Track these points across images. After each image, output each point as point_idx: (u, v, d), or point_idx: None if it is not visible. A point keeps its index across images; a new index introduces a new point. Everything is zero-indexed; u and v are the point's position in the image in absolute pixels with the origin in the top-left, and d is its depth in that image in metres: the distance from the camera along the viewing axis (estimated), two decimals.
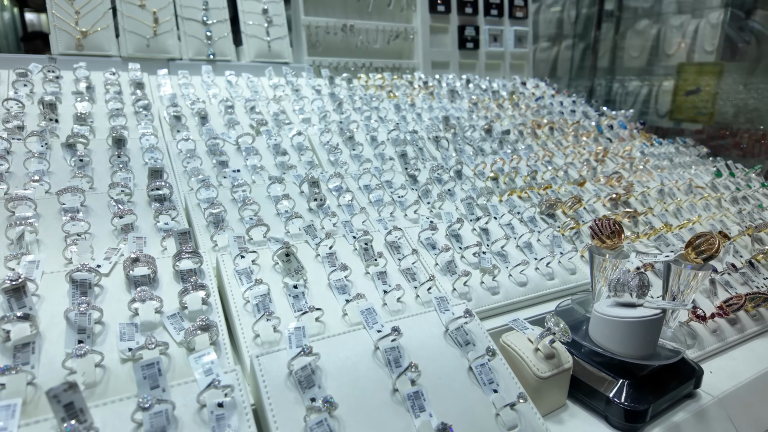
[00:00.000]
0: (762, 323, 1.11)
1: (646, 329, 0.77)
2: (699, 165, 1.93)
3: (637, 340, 0.77)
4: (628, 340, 0.78)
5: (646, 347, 0.78)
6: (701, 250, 0.73)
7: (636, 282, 0.78)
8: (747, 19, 3.90)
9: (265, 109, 1.65)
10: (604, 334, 0.81)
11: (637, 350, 0.78)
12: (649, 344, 0.78)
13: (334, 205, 1.19)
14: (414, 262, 1.01)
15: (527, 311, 1.04)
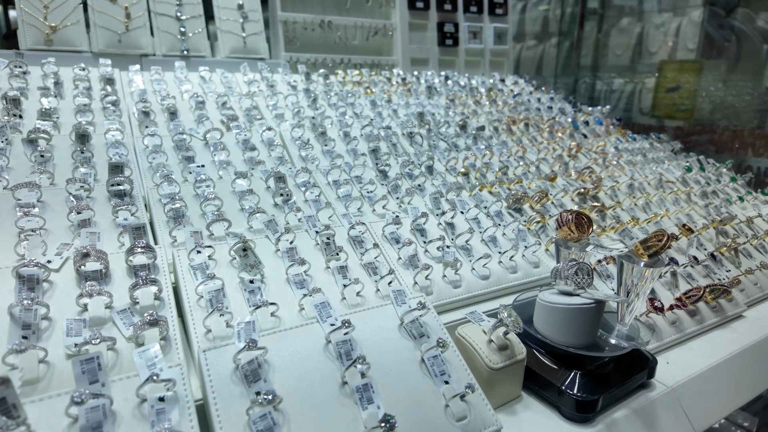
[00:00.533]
0: (721, 314, 1.13)
1: (577, 317, 0.78)
2: (672, 160, 1.95)
3: (570, 328, 0.79)
4: (560, 326, 0.80)
5: (580, 336, 0.79)
6: (648, 246, 0.74)
7: (572, 271, 0.79)
8: (727, 17, 3.94)
9: (237, 105, 1.64)
10: (541, 321, 0.84)
11: (570, 338, 0.80)
12: (583, 333, 0.79)
13: (300, 201, 1.19)
14: (376, 257, 1.01)
15: (489, 304, 1.05)
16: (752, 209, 1.60)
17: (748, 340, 1.08)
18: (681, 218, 1.41)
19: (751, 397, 0.98)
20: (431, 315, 0.85)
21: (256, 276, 0.87)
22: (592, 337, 0.80)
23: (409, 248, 1.04)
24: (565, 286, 0.80)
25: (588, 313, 0.78)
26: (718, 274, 1.23)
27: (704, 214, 1.47)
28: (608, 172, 1.66)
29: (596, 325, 0.80)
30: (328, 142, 1.50)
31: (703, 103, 3.78)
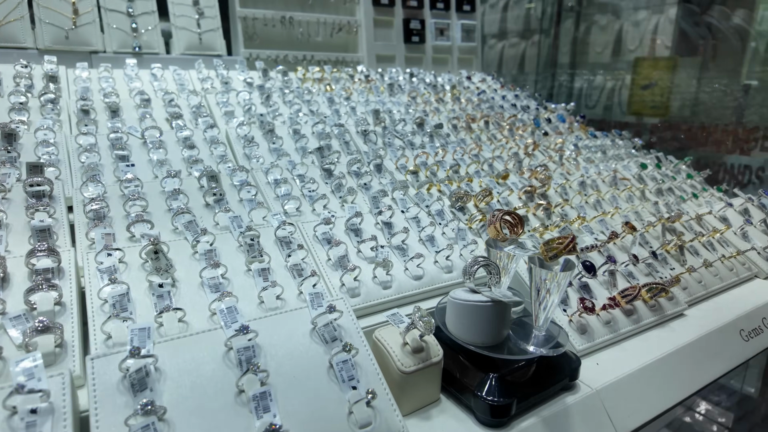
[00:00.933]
0: (660, 313, 1.12)
1: (474, 314, 0.78)
2: (632, 158, 1.94)
3: (469, 325, 0.79)
4: (461, 323, 0.80)
5: (480, 334, 0.78)
6: (551, 248, 0.72)
7: (475, 269, 0.77)
8: (703, 14, 3.95)
9: (185, 103, 1.60)
10: (449, 319, 0.83)
11: (471, 335, 0.79)
12: (482, 331, 0.79)
13: (235, 200, 1.16)
14: (303, 258, 0.99)
15: (423, 305, 1.02)
16: (706, 206, 1.59)
17: (684, 339, 1.07)
18: (629, 216, 1.40)
19: (681, 397, 0.97)
20: (348, 318, 0.83)
21: (167, 280, 0.85)
22: (494, 337, 0.79)
23: (338, 249, 1.01)
24: (470, 284, 0.79)
25: (484, 311, 0.77)
26: (661, 272, 1.22)
27: (654, 212, 1.47)
28: (563, 170, 1.64)
29: (497, 324, 0.78)
30: (276, 140, 1.47)
31: (678, 100, 3.79)
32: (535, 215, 1.35)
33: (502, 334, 0.80)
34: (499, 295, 0.77)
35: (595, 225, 1.32)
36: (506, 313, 0.80)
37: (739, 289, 1.34)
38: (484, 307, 0.77)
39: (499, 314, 0.78)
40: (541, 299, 0.75)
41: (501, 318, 0.79)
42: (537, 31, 4.89)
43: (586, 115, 4.08)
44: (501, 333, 0.80)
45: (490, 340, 0.79)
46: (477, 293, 0.79)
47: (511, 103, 2.23)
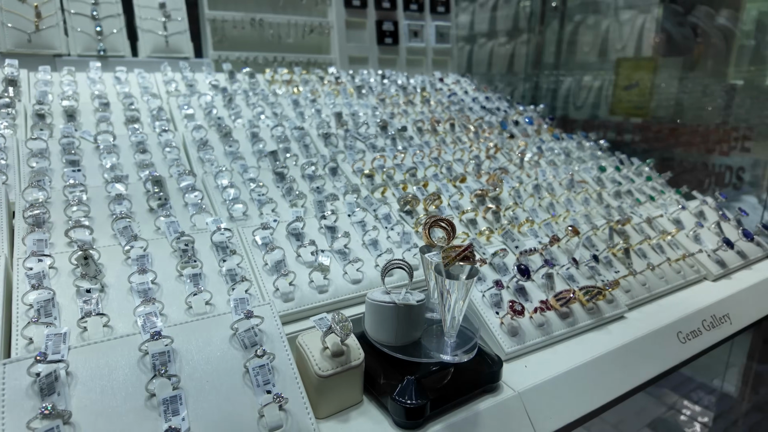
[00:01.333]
0: (597, 316, 1.14)
1: (380, 314, 0.83)
2: (598, 160, 1.96)
3: (378, 324, 0.84)
4: (371, 322, 0.85)
5: (388, 334, 0.83)
6: (446, 255, 0.74)
7: (388, 270, 0.80)
8: (687, 14, 3.97)
9: (146, 106, 1.62)
10: (366, 318, 0.88)
11: (381, 335, 0.84)
12: (390, 332, 0.83)
13: (180, 205, 1.18)
14: (239, 263, 1.01)
15: (360, 308, 1.04)
16: (662, 209, 1.61)
17: (618, 341, 1.09)
18: (578, 220, 1.42)
19: (608, 399, 0.99)
20: (272, 323, 0.85)
21: (95, 285, 0.86)
22: (401, 338, 0.82)
23: (274, 254, 1.03)
24: (382, 286, 0.82)
25: (390, 312, 0.81)
26: (604, 276, 1.24)
27: (606, 215, 1.48)
28: (522, 173, 1.66)
29: (403, 325, 0.82)
30: (232, 144, 1.49)
31: (659, 100, 3.81)
32: (484, 218, 1.36)
33: (411, 336, 0.82)
34: (402, 297, 0.79)
35: (543, 229, 1.34)
36: (412, 315, 0.82)
37: (686, 291, 1.36)
38: (388, 307, 0.80)
39: (403, 316, 0.80)
40: (447, 306, 0.77)
41: (406, 320, 0.81)
42: (524, 31, 4.90)
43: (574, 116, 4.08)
44: (409, 334, 0.82)
45: (398, 341, 0.82)
46: (389, 294, 0.81)
47: (481, 105, 2.25)
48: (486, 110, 2.20)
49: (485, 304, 1.05)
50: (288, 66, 2.20)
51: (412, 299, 0.82)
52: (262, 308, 0.87)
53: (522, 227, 1.33)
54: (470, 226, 1.31)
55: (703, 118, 3.51)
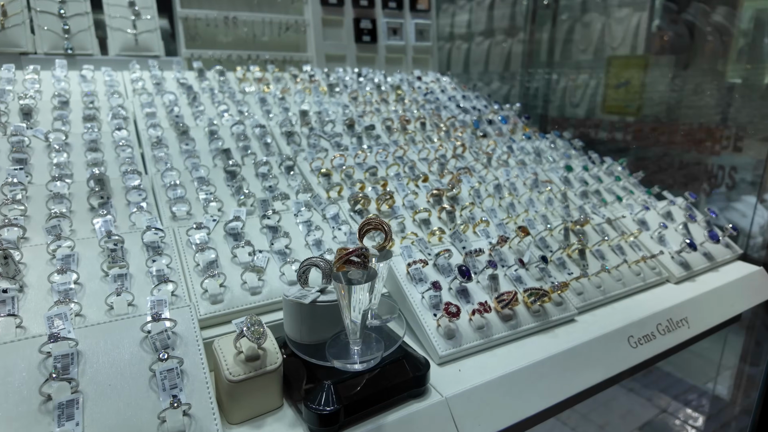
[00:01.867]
0: (543, 319, 1.11)
1: (287, 310, 0.86)
2: (571, 159, 1.92)
3: (288, 320, 0.86)
4: (285, 317, 0.88)
5: (296, 331, 0.85)
6: (335, 258, 0.72)
7: (300, 271, 0.80)
8: (680, 12, 3.91)
9: (107, 105, 1.61)
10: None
11: (289, 331, 0.87)
12: (297, 329, 0.85)
13: (122, 204, 1.17)
14: (168, 264, 0.99)
15: None
16: (627, 210, 1.58)
17: (564, 345, 1.06)
18: (535, 220, 1.39)
19: (545, 406, 0.97)
20: (189, 326, 0.83)
21: (14, 285, 0.85)
22: (308, 336, 0.82)
23: (205, 254, 1.01)
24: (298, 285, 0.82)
25: (292, 308, 0.84)
26: (554, 277, 1.21)
27: (565, 215, 1.45)
28: (487, 172, 1.64)
29: (308, 324, 0.82)
30: (189, 142, 1.48)
31: (650, 99, 3.75)
32: (439, 218, 1.34)
33: (319, 335, 0.81)
34: (299, 293, 0.78)
35: (498, 229, 1.32)
36: (316, 313, 0.81)
37: (644, 294, 1.33)
38: (293, 304, 0.80)
39: (306, 314, 0.80)
40: (343, 311, 0.75)
41: (311, 318, 0.80)
42: (521, 29, 4.85)
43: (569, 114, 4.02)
44: (316, 333, 0.81)
45: (304, 339, 0.82)
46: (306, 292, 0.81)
47: (457, 104, 2.22)
48: (461, 109, 2.17)
49: (424, 306, 1.03)
50: (262, 65, 2.18)
51: (311, 296, 0.81)
52: (180, 310, 0.86)
53: (477, 227, 1.31)
54: (423, 226, 1.29)
55: (696, 117, 3.45)
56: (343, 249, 0.71)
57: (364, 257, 0.70)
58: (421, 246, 1.15)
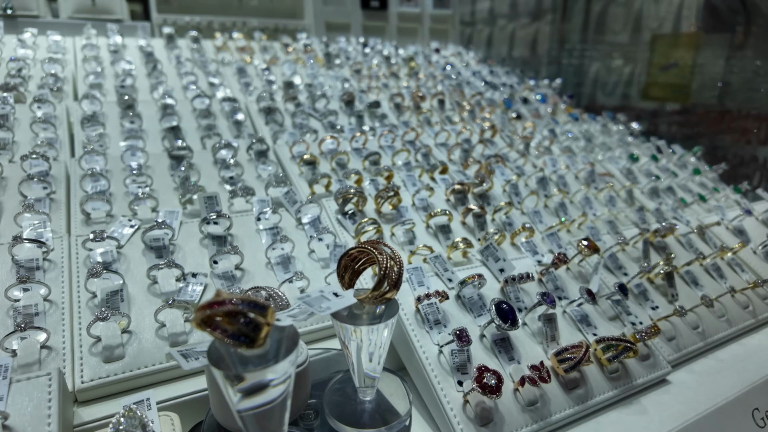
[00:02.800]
0: (624, 383, 0.73)
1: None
2: (627, 146, 1.52)
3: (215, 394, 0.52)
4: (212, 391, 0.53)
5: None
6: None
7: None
8: None
9: (40, 73, 1.27)
10: None
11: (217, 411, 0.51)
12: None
13: (14, 201, 0.82)
14: (47, 296, 0.64)
15: None
16: (717, 214, 1.18)
17: (659, 427, 0.68)
18: (599, 228, 1.00)
19: None
20: (38, 414, 0.48)
21: None
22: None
23: (103, 281, 0.65)
24: None
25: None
26: (635, 315, 0.83)
27: (639, 221, 1.06)
28: (525, 162, 1.25)
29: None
30: (135, 120, 1.12)
31: (701, 82, 3.28)
32: (464, 224, 0.96)
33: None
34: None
35: (548, 241, 0.93)
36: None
37: (758, 336, 0.93)
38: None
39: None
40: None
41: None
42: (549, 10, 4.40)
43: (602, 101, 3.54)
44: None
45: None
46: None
47: (483, 80, 1.83)
48: (488, 85, 1.78)
49: (442, 367, 0.65)
50: (247, 32, 1.82)
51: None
52: (32, 383, 0.50)
53: (516, 238, 0.93)
54: (440, 235, 0.91)
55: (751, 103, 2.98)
56: (218, 298, 0.34)
57: (255, 324, 0.34)
58: (437, 267, 0.78)
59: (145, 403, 0.55)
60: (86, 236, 0.70)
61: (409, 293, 0.72)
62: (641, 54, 3.65)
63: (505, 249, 0.88)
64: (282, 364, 0.37)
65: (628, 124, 1.65)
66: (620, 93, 3.56)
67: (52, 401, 0.51)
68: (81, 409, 0.59)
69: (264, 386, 0.37)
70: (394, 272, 0.46)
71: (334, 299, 0.43)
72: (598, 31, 3.79)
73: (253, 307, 0.34)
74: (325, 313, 0.43)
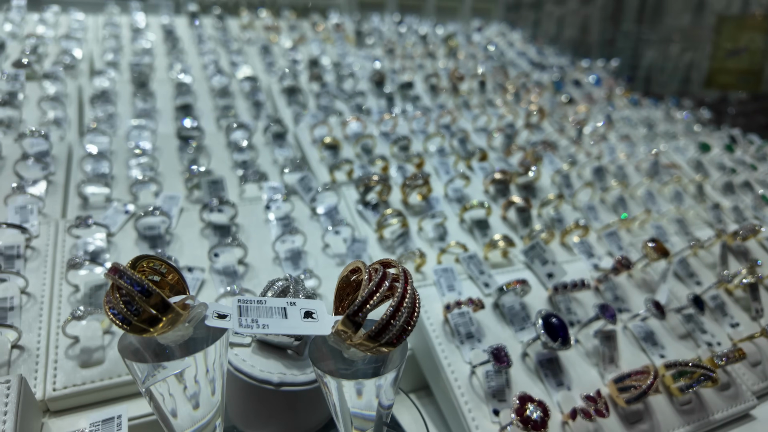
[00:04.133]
0: (699, 419, 0.59)
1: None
2: (694, 136, 1.34)
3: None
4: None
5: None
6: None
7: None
8: None
9: (55, 51, 1.22)
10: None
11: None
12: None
13: (8, 180, 0.75)
14: (24, 288, 0.56)
15: None
16: None
17: None
18: (666, 228, 0.85)
19: None
20: None
21: None
22: None
23: (86, 273, 0.57)
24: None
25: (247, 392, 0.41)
26: (711, 334, 0.68)
27: (715, 221, 0.90)
28: (578, 149, 1.10)
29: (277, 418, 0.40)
30: (147, 98, 1.05)
31: None
32: (505, 219, 0.84)
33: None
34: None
35: (605, 241, 0.79)
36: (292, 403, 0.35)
37: None
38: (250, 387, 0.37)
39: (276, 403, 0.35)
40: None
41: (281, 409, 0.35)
42: None
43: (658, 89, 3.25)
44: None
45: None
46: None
47: (530, 61, 1.67)
48: (535, 66, 1.62)
49: (474, 391, 0.54)
50: (276, 11, 1.72)
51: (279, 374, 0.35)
52: None
53: (567, 237, 0.79)
54: (476, 231, 0.79)
55: None
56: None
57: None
58: (472, 268, 0.66)
59: (116, 421, 0.46)
60: (80, 222, 0.62)
61: (437, 299, 0.61)
62: (705, 38, 3.34)
63: (553, 250, 0.75)
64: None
65: (695, 110, 1.46)
66: (680, 79, 3.27)
67: (8, 414, 0.44)
68: (52, 421, 0.51)
69: None
70: (401, 317, 0.32)
71: (301, 321, 0.32)
72: (657, 11, 3.49)
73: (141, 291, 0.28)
74: (274, 333, 0.32)
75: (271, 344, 0.44)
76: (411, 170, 0.92)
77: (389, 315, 0.32)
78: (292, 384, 0.41)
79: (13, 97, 0.98)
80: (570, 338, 0.56)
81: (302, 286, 0.44)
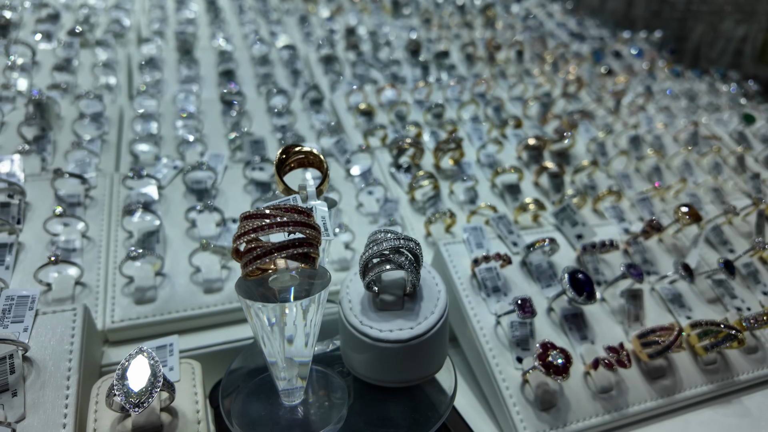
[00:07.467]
0: (723, 379, 0.60)
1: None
2: (739, 108, 1.30)
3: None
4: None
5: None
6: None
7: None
8: None
9: (105, 20, 1.27)
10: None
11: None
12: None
13: (67, 139, 0.81)
14: (85, 232, 0.62)
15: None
16: None
17: None
18: (701, 197, 0.84)
19: None
20: (60, 349, 0.45)
21: None
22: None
23: (141, 219, 0.62)
24: None
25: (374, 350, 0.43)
26: (740, 298, 0.68)
27: (753, 192, 0.89)
28: (615, 119, 1.09)
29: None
30: (192, 65, 1.10)
31: None
32: (537, 185, 0.85)
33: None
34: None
35: (638, 207, 0.79)
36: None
37: None
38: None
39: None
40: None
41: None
42: None
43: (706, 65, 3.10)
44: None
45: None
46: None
47: (569, 32, 1.64)
48: (574, 37, 1.58)
49: (498, 339, 0.57)
50: None
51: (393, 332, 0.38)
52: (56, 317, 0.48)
53: (600, 203, 0.80)
54: (507, 195, 0.81)
55: None
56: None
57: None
58: (501, 228, 0.68)
59: (168, 348, 0.51)
60: (126, 174, 0.67)
61: (465, 255, 0.63)
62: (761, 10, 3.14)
63: (585, 215, 0.76)
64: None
65: (742, 82, 1.40)
66: (731, 53, 3.11)
67: (75, 337, 0.49)
68: (111, 350, 0.57)
69: None
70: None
71: None
72: None
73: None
74: None
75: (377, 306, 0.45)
76: (444, 137, 0.93)
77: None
78: (416, 337, 0.43)
79: (68, 63, 1.04)
80: (596, 293, 0.57)
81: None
